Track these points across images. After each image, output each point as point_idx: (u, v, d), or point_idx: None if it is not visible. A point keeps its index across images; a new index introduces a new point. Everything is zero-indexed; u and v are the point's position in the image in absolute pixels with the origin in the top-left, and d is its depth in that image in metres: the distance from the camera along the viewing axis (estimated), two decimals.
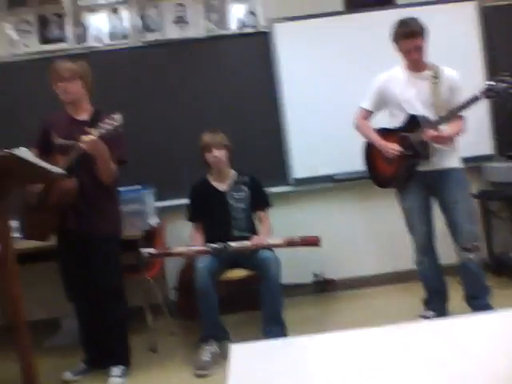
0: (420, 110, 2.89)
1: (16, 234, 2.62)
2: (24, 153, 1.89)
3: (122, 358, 2.87)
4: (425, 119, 2.86)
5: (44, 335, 3.58)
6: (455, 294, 3.07)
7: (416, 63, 2.91)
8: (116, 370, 2.80)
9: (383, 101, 3.04)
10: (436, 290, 3.06)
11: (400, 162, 2.96)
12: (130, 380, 2.81)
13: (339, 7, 3.90)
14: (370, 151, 3.16)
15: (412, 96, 2.91)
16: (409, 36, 2.82)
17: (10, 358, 2.65)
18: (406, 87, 2.94)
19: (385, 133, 3.04)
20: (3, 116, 3.57)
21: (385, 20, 3.04)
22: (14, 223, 2.57)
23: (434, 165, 2.91)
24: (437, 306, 3.05)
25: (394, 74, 3.01)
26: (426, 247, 3.02)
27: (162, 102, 3.83)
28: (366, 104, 3.09)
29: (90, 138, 2.50)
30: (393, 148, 2.95)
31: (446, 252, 3.08)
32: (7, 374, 2.87)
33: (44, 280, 3.51)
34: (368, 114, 3.11)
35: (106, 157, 2.62)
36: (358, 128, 3.15)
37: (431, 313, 3.03)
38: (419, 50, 2.86)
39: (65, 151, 2.67)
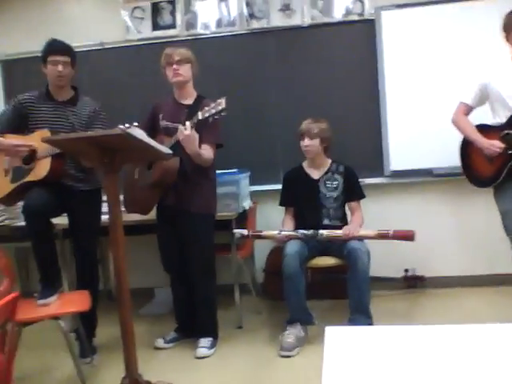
0: None
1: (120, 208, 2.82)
2: (138, 132, 2.02)
3: (211, 330, 3.02)
4: None
5: (139, 303, 3.83)
6: None
7: None
8: (204, 341, 2.95)
9: (485, 95, 2.89)
10: None
11: (501, 161, 2.80)
12: (217, 352, 2.95)
13: None
14: (467, 149, 3.01)
15: None
16: None
17: (109, 322, 2.90)
18: (511, 82, 2.76)
19: (485, 129, 2.89)
20: (114, 96, 3.82)
21: (500, 10, 2.87)
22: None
23: None
24: None
25: (500, 67, 2.83)
26: None
27: (264, 89, 3.89)
28: (467, 98, 2.96)
29: (185, 132, 2.64)
30: (494, 145, 2.79)
31: None
32: (107, 337, 3.11)
33: (142, 251, 3.73)
34: (468, 109, 2.98)
35: (195, 150, 2.74)
36: (455, 123, 3.02)
37: None
38: None
39: (169, 133, 2.86)
